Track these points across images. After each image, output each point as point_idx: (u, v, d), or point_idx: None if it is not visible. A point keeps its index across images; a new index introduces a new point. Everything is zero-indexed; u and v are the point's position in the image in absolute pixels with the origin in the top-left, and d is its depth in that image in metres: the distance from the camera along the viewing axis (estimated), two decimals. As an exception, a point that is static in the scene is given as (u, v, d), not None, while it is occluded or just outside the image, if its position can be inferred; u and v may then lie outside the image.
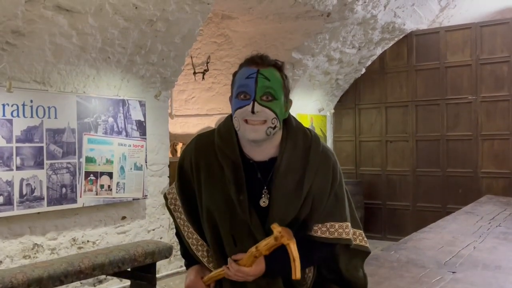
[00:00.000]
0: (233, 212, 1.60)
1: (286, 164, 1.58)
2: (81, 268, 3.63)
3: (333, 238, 1.63)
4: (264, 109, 1.51)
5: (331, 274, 1.77)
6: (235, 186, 1.57)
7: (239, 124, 1.54)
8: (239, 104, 1.53)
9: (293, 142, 1.61)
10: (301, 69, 6.47)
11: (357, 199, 7.21)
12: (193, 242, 1.71)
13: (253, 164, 1.61)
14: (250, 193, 1.60)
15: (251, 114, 1.50)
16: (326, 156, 1.64)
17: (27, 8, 3.49)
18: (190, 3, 4.28)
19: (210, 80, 6.96)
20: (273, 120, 1.52)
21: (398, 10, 6.28)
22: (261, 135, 1.53)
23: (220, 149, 1.61)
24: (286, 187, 1.58)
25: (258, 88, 1.51)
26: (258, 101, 1.51)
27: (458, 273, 2.69)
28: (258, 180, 1.61)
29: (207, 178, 1.63)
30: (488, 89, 6.74)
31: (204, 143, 1.66)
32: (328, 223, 1.63)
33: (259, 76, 1.52)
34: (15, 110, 3.89)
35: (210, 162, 1.62)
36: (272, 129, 1.53)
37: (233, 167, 1.58)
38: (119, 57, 4.45)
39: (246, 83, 1.52)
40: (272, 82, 1.53)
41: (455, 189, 6.93)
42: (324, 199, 1.62)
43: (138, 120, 4.88)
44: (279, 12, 5.59)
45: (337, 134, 7.98)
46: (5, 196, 3.82)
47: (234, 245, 1.62)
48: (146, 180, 4.96)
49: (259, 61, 1.55)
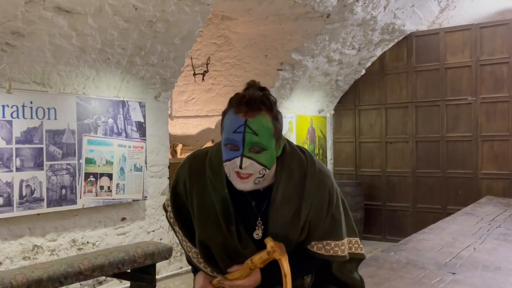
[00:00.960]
0: (226, 242, 1.60)
1: (282, 194, 1.57)
2: (80, 269, 3.63)
3: (328, 255, 1.65)
4: (252, 162, 1.48)
5: (331, 276, 1.77)
6: (225, 220, 1.57)
7: (230, 173, 1.52)
8: (228, 156, 1.50)
9: (288, 172, 1.58)
10: (301, 70, 6.48)
11: (357, 200, 7.21)
12: (193, 255, 1.73)
13: (247, 193, 1.59)
14: (244, 223, 1.60)
15: (240, 169, 1.48)
16: (322, 182, 1.62)
17: (27, 9, 3.49)
18: (190, 4, 4.28)
19: (210, 81, 6.96)
20: (260, 171, 1.50)
21: (398, 11, 6.29)
22: (250, 186, 1.52)
23: (210, 181, 1.60)
24: (283, 217, 1.57)
25: (246, 143, 1.47)
26: (246, 155, 1.47)
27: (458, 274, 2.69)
28: (251, 210, 1.61)
29: (200, 205, 1.62)
30: (488, 90, 6.75)
31: (197, 167, 1.65)
32: (324, 241, 1.65)
33: (247, 131, 1.46)
34: (14, 111, 3.89)
35: (203, 189, 1.62)
36: (260, 178, 1.51)
37: (222, 202, 1.57)
38: (119, 58, 4.45)
39: (234, 138, 1.48)
40: (260, 136, 1.47)
41: (455, 190, 6.92)
42: (321, 223, 1.63)
43: (138, 121, 4.88)
44: (279, 13, 5.59)
45: (337, 135, 7.98)
46: (4, 197, 3.82)
47: (229, 260, 1.64)
48: (146, 181, 4.96)
49: (246, 109, 1.46)
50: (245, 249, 1.60)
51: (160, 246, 4.28)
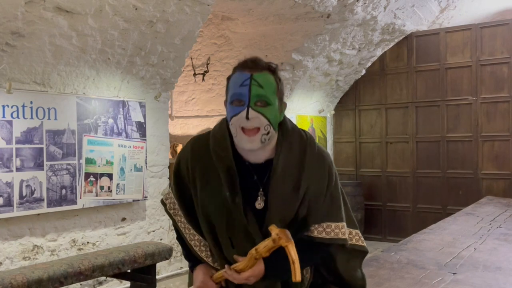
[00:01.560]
0: (229, 215, 1.60)
1: (282, 167, 1.59)
2: (81, 269, 3.62)
3: (330, 238, 1.65)
4: (258, 115, 1.52)
5: (331, 276, 1.78)
6: (230, 189, 1.58)
7: (236, 132, 1.56)
8: (234, 111, 1.55)
9: (289, 144, 1.62)
10: (301, 70, 6.47)
11: (357, 201, 7.21)
12: (195, 243, 1.71)
13: (249, 166, 1.62)
14: (246, 195, 1.60)
15: (246, 121, 1.52)
16: (322, 157, 1.66)
17: (27, 9, 3.49)
18: (190, 4, 4.27)
19: (210, 82, 6.96)
20: (266, 127, 1.53)
21: (398, 11, 6.28)
22: (257, 145, 1.54)
23: (215, 153, 1.62)
24: (283, 189, 1.59)
25: (252, 95, 1.52)
26: (252, 107, 1.52)
27: (458, 274, 2.69)
28: (253, 182, 1.62)
29: (203, 182, 1.64)
30: (488, 90, 6.74)
31: (200, 146, 1.67)
32: (324, 223, 1.65)
33: (253, 83, 1.53)
34: (15, 112, 3.89)
35: (206, 166, 1.63)
36: (266, 135, 1.54)
37: (227, 171, 1.59)
38: (119, 58, 4.45)
39: (240, 91, 1.53)
40: (265, 88, 1.53)
41: (455, 191, 6.92)
42: (320, 200, 1.64)
43: (138, 121, 4.88)
44: (279, 13, 5.58)
45: (337, 136, 7.98)
46: (5, 198, 3.81)
47: (231, 247, 1.62)
48: (146, 181, 4.96)
49: (252, 65, 1.55)
50: (248, 224, 1.60)
51: (160, 246, 4.28)
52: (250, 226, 1.60)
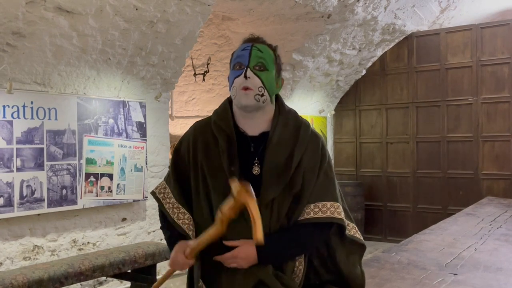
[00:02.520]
0: (226, 184, 1.61)
1: (277, 138, 1.70)
2: (81, 269, 3.63)
3: (326, 217, 1.68)
4: (254, 76, 1.67)
5: (330, 275, 1.77)
6: (228, 156, 1.68)
7: (236, 92, 1.68)
8: (235, 74, 1.70)
9: (285, 119, 1.74)
10: (301, 71, 6.47)
11: (357, 201, 7.21)
12: (184, 221, 1.74)
13: (247, 137, 1.72)
14: (243, 164, 1.69)
15: (244, 80, 1.66)
16: (315, 136, 1.76)
17: (28, 10, 3.49)
18: (190, 4, 4.27)
19: (211, 82, 6.96)
20: (259, 89, 1.67)
21: (398, 11, 6.28)
22: (251, 100, 1.66)
23: (216, 124, 1.74)
24: (277, 158, 1.68)
25: (252, 57, 1.69)
26: (251, 69, 1.68)
27: (459, 275, 2.69)
28: (250, 152, 1.71)
29: (204, 153, 1.73)
30: (489, 90, 6.74)
31: (201, 125, 1.80)
32: (319, 202, 1.69)
33: (253, 48, 1.71)
34: (15, 112, 3.89)
35: (207, 140, 1.74)
36: (259, 96, 1.67)
37: (227, 139, 1.70)
38: (120, 59, 4.45)
39: (241, 54, 1.71)
40: (264, 54, 1.71)
41: (456, 191, 6.92)
42: (314, 176, 1.70)
43: (138, 121, 4.88)
44: (279, 14, 5.58)
45: (338, 136, 7.98)
46: (5, 198, 3.82)
47: None
48: (146, 181, 4.96)
49: (254, 38, 1.76)
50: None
51: (160, 247, 4.28)
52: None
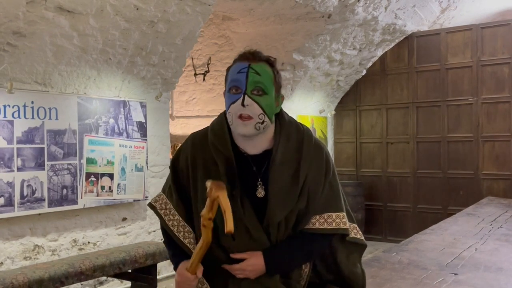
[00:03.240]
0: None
1: (281, 156, 1.62)
2: (81, 269, 3.63)
3: (331, 228, 1.67)
4: (253, 103, 1.55)
5: (330, 275, 1.78)
6: (228, 180, 1.59)
7: (232, 119, 1.58)
8: (231, 99, 1.58)
9: (286, 135, 1.65)
10: (301, 71, 6.47)
11: (357, 201, 7.21)
12: (190, 241, 1.69)
13: (247, 157, 1.64)
14: (245, 186, 1.62)
15: (242, 108, 1.55)
16: (319, 147, 1.69)
17: (28, 9, 3.49)
18: (191, 4, 4.27)
19: (211, 82, 6.96)
20: (260, 116, 1.56)
21: (398, 11, 6.28)
22: (251, 130, 1.57)
23: (213, 145, 1.64)
24: (283, 178, 1.61)
25: (249, 82, 1.56)
26: (249, 95, 1.56)
27: (460, 275, 2.69)
28: (252, 173, 1.64)
29: (204, 175, 1.64)
30: (489, 90, 6.74)
31: (199, 140, 1.70)
32: (325, 214, 1.67)
33: (250, 71, 1.57)
34: (16, 111, 3.89)
35: (206, 158, 1.65)
36: (260, 124, 1.57)
37: (226, 162, 1.61)
38: (120, 58, 4.45)
39: (238, 78, 1.57)
40: (262, 76, 1.57)
41: (456, 191, 6.92)
42: (320, 189, 1.66)
43: (139, 121, 4.88)
44: (280, 14, 5.58)
45: (338, 136, 7.98)
46: (6, 197, 3.82)
47: (232, 239, 1.63)
48: (146, 181, 4.96)
49: (250, 56, 1.60)
50: (245, 215, 1.60)
51: (161, 246, 4.28)
52: (247, 219, 1.60)
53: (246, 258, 1.62)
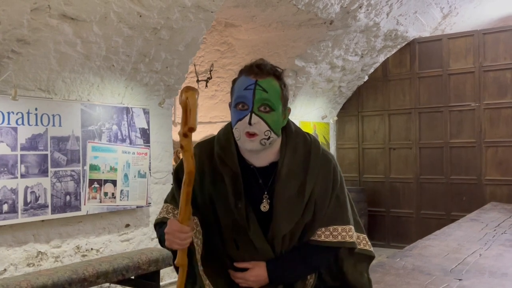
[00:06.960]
0: (234, 219, 1.61)
1: (287, 169, 1.60)
2: (85, 276, 3.62)
3: (337, 241, 1.65)
4: (260, 120, 1.53)
5: (335, 282, 1.77)
6: (234, 194, 1.59)
7: (240, 136, 1.56)
8: (238, 116, 1.56)
9: (293, 147, 1.63)
10: (304, 77, 6.49)
11: (360, 207, 7.20)
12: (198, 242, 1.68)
13: (254, 169, 1.63)
14: (251, 199, 1.61)
15: (249, 126, 1.53)
16: (326, 159, 1.66)
17: (33, 17, 3.51)
18: (194, 11, 4.30)
19: (213, 88, 6.98)
20: (265, 133, 1.54)
21: (400, 17, 6.30)
22: (257, 146, 1.55)
23: (220, 158, 1.63)
24: (288, 191, 1.59)
25: (256, 100, 1.53)
26: (256, 112, 1.54)
27: (464, 280, 2.68)
28: (259, 186, 1.62)
29: (211, 184, 1.64)
30: (491, 96, 6.75)
31: (205, 150, 1.68)
32: (331, 226, 1.65)
33: (257, 88, 1.54)
34: (19, 118, 3.90)
35: (213, 168, 1.64)
36: (266, 140, 1.55)
37: (232, 176, 1.60)
38: (123, 65, 4.46)
39: (244, 94, 1.54)
40: (269, 93, 1.54)
41: (459, 197, 6.90)
42: (326, 202, 1.64)
43: (142, 127, 4.89)
44: (282, 20, 5.61)
45: (340, 142, 7.98)
46: (9, 204, 3.82)
47: (236, 248, 1.63)
48: (149, 187, 4.96)
49: (257, 70, 1.56)
50: (249, 229, 1.59)
51: (164, 253, 4.28)
52: (252, 232, 1.60)
53: (249, 267, 1.62)
